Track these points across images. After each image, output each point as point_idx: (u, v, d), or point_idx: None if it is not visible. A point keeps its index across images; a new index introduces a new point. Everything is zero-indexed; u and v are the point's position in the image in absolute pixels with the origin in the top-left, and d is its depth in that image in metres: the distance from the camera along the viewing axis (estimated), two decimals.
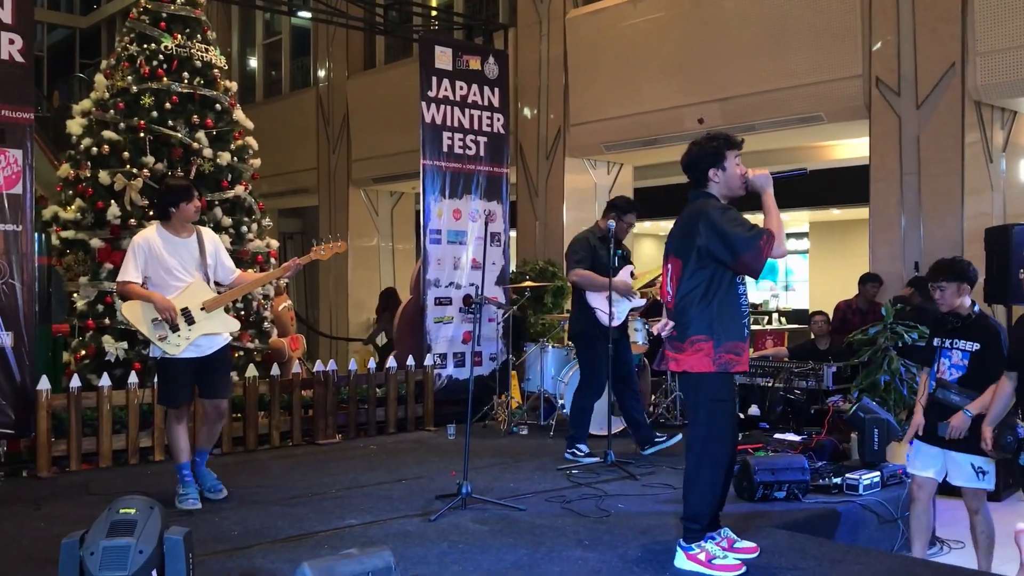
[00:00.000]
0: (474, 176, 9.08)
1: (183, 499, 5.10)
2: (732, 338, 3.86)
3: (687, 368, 3.92)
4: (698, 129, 9.87)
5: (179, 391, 5.19)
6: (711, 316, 3.85)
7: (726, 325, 3.85)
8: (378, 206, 14.68)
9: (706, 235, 3.82)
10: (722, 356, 3.84)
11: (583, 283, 6.44)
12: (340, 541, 4.38)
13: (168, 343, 5.02)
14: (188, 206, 5.14)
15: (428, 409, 8.17)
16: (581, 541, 4.43)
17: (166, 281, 5.07)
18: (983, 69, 7.89)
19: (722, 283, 3.86)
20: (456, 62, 9.01)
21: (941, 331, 4.65)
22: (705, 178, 3.98)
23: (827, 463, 5.93)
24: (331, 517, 4.91)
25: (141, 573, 3.17)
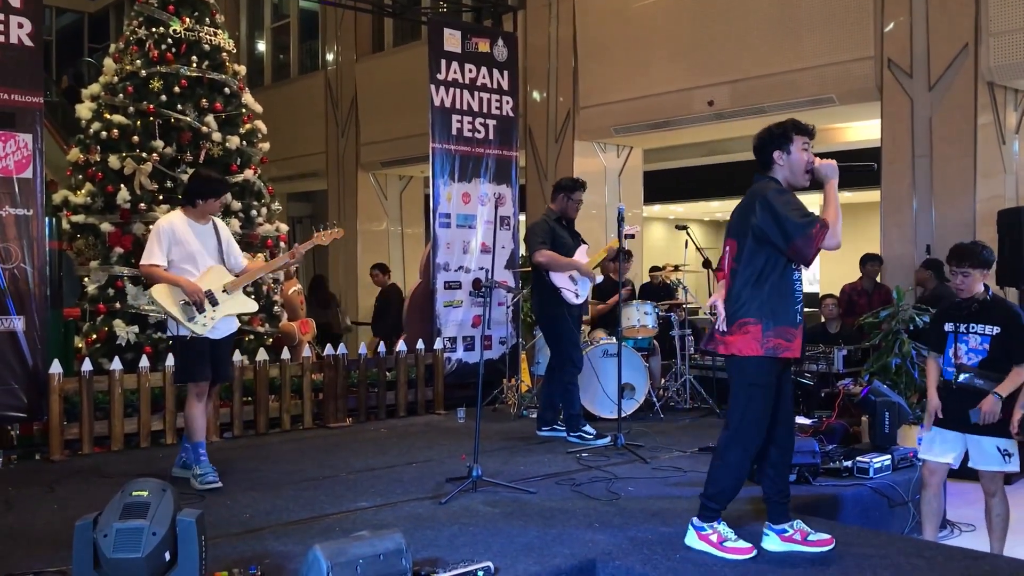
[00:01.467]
0: (483, 159, 9.06)
1: (202, 478, 5.16)
2: (782, 323, 3.79)
3: (735, 351, 3.86)
4: (707, 112, 9.84)
5: (203, 367, 5.35)
6: (762, 299, 3.79)
7: (777, 309, 3.79)
8: (387, 190, 14.67)
9: (761, 216, 3.77)
10: (770, 340, 3.77)
11: (549, 263, 6.50)
12: (351, 524, 4.40)
13: (196, 323, 5.22)
14: (215, 203, 5.44)
15: (438, 392, 8.19)
16: (591, 523, 4.44)
17: (190, 264, 5.28)
18: (996, 50, 7.82)
19: (776, 267, 3.80)
20: (465, 45, 8.97)
21: (955, 316, 4.61)
22: (771, 161, 3.92)
23: (837, 446, 5.91)
24: (342, 500, 4.94)
25: (154, 555, 3.19)
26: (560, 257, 6.49)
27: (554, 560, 3.88)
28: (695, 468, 5.69)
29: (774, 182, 3.90)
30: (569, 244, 6.61)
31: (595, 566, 3.91)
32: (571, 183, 6.71)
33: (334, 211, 14.68)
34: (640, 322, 7.67)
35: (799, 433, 6.25)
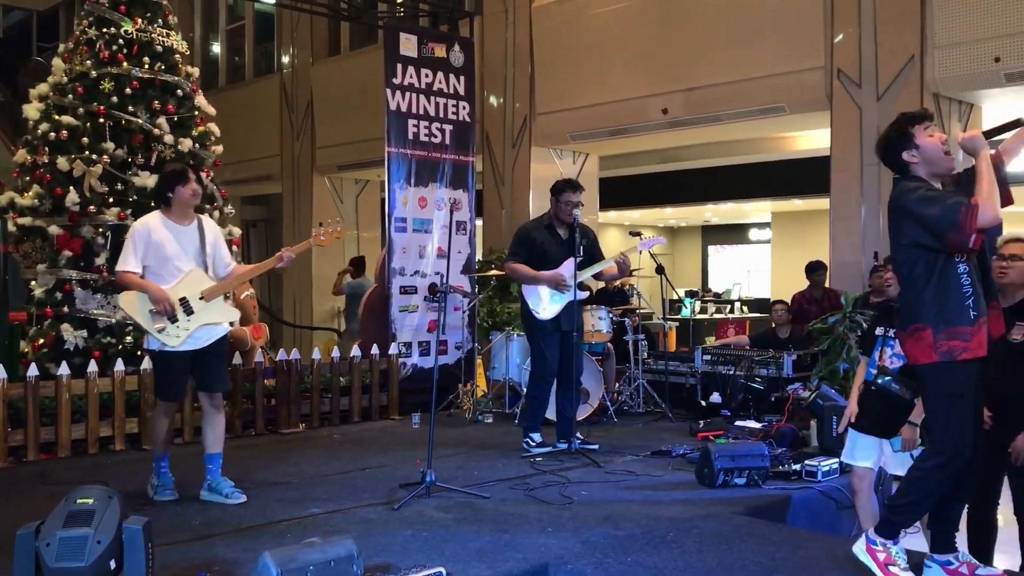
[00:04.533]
0: (440, 164, 9.06)
1: (160, 490, 5.06)
2: (954, 323, 3.51)
3: (913, 360, 3.63)
4: (662, 119, 9.95)
5: (176, 384, 5.09)
6: (928, 302, 3.55)
7: (945, 309, 3.53)
8: (343, 194, 14.59)
9: (907, 228, 3.56)
10: (943, 344, 3.51)
11: (513, 277, 6.45)
12: (303, 530, 4.37)
13: (167, 335, 4.87)
14: (184, 189, 4.96)
15: (393, 398, 8.16)
16: (544, 528, 4.45)
17: (165, 270, 4.92)
18: (941, 62, 8.01)
19: (935, 267, 3.54)
20: (421, 49, 8.97)
21: (886, 320, 4.65)
22: (904, 163, 3.68)
23: (787, 450, 6.01)
24: (294, 506, 4.90)
25: (99, 563, 3.14)
26: (524, 271, 6.33)
27: (506, 565, 3.89)
28: (648, 472, 5.75)
29: (914, 181, 3.64)
30: (552, 253, 6.34)
31: (547, 570, 3.92)
32: (560, 184, 6.44)
33: (289, 215, 14.57)
34: (594, 327, 7.71)
35: (748, 437, 6.37)
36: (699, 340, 12.18)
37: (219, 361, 5.17)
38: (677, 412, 7.91)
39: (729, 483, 5.24)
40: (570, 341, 6.30)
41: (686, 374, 8.31)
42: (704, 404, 7.88)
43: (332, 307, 14.05)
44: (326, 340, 12.54)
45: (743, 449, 5.44)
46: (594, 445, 6.44)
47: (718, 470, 5.23)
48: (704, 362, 8.09)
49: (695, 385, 8.16)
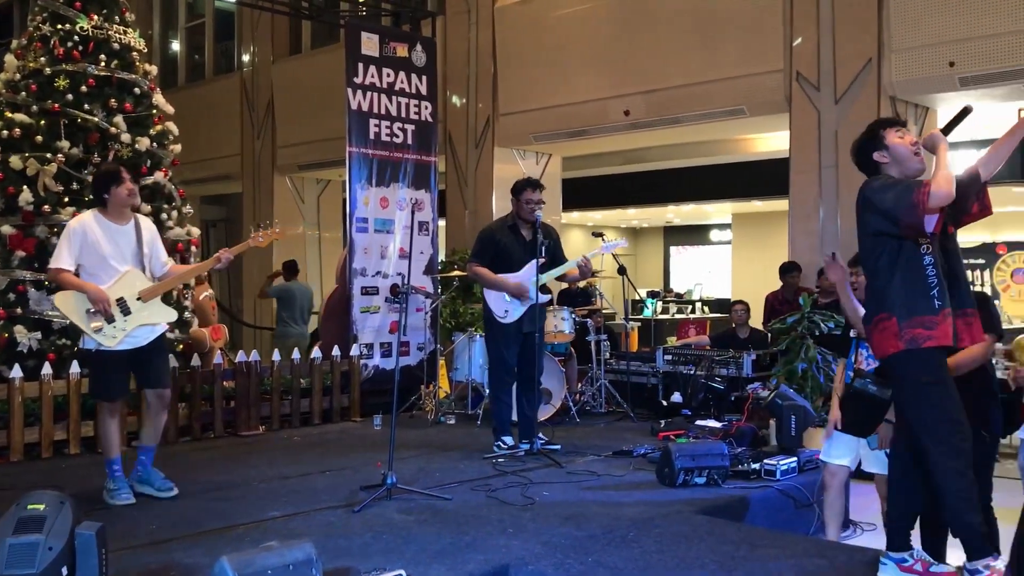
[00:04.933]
0: (402, 164, 9.02)
1: (115, 495, 4.98)
2: (919, 312, 3.52)
3: (881, 353, 3.64)
4: (624, 121, 9.99)
5: (115, 384, 5.04)
6: (893, 292, 3.56)
7: (909, 299, 3.54)
8: (304, 193, 14.48)
9: (869, 218, 3.61)
10: (907, 331, 3.51)
11: (476, 279, 6.44)
12: (262, 534, 4.32)
13: (104, 335, 4.85)
14: (119, 189, 4.97)
15: (354, 399, 8.11)
16: (505, 529, 4.45)
17: (102, 269, 4.91)
18: (898, 66, 8.13)
19: (898, 257, 3.56)
20: (383, 49, 8.93)
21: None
22: (875, 164, 3.72)
23: (746, 449, 6.06)
24: (253, 509, 4.85)
25: (50, 570, 3.08)
26: (487, 275, 6.31)
27: (467, 567, 3.88)
28: (609, 472, 5.78)
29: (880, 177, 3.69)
30: (516, 254, 6.32)
31: (508, 571, 3.92)
32: (520, 184, 6.41)
33: (249, 214, 14.42)
34: (557, 327, 7.73)
35: (708, 436, 6.42)
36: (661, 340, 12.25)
37: (161, 358, 5.22)
38: (639, 412, 7.94)
39: (689, 482, 5.28)
40: (532, 342, 6.31)
41: (648, 374, 8.36)
42: (665, 404, 7.92)
43: None
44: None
45: (703, 448, 5.48)
46: (556, 445, 6.45)
47: (678, 469, 5.27)
48: (665, 362, 8.14)
49: (656, 385, 8.21)
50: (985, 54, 7.54)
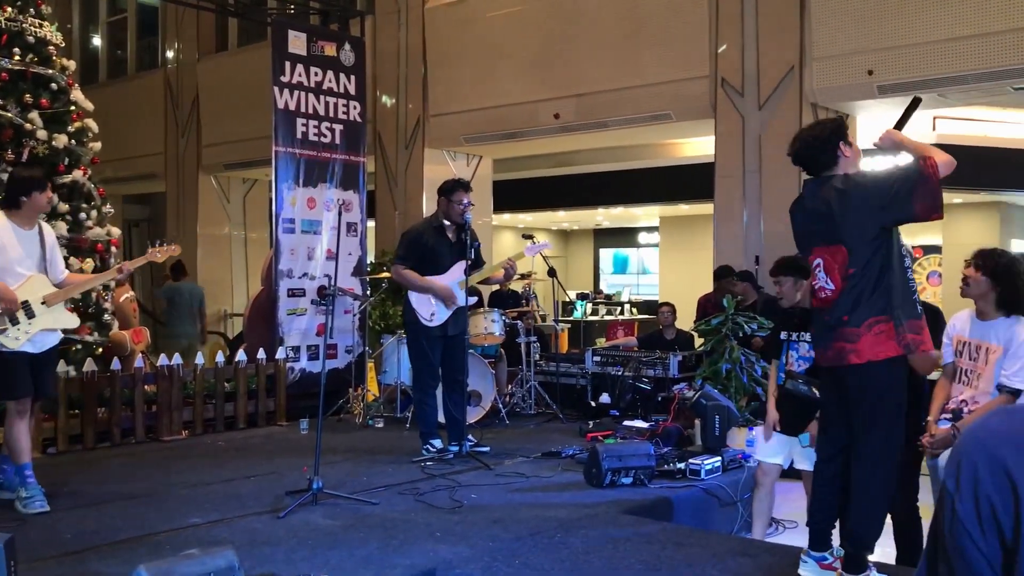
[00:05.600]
0: (330, 164, 8.92)
1: (28, 503, 4.82)
2: (912, 316, 3.50)
3: (872, 355, 3.50)
4: (554, 124, 10.04)
5: (19, 381, 4.95)
6: (890, 294, 3.50)
7: (904, 302, 3.51)
8: (230, 193, 14.21)
9: (870, 208, 3.48)
10: (905, 335, 3.47)
11: (401, 283, 6.38)
12: (183, 542, 4.23)
13: (7, 336, 4.81)
14: (41, 196, 5.00)
15: (280, 403, 7.99)
16: (433, 533, 4.43)
17: (8, 273, 4.86)
18: (819, 73, 8.33)
19: (891, 258, 3.52)
20: (311, 48, 8.82)
21: (788, 325, 4.82)
22: (835, 157, 3.62)
23: (672, 449, 6.16)
24: (174, 516, 4.74)
25: None
26: (413, 277, 6.23)
27: (394, 572, 3.86)
28: (537, 473, 5.80)
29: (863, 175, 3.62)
30: (443, 257, 6.25)
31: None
32: (450, 184, 6.34)
33: (173, 214, 14.10)
34: (487, 329, 7.72)
35: (636, 437, 6.49)
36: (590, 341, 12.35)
37: (50, 369, 5.33)
38: (568, 413, 7.99)
39: (616, 483, 5.33)
40: (458, 344, 6.29)
41: (577, 375, 8.42)
42: (594, 404, 7.99)
43: (219, 310, 13.67)
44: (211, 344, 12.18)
45: (630, 449, 5.54)
46: (485, 448, 6.45)
47: (606, 470, 5.32)
48: (594, 363, 8.21)
49: (586, 386, 8.28)
50: (902, 63, 7.78)
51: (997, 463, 0.77)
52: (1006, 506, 0.76)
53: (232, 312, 13.71)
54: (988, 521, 0.77)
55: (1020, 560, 0.74)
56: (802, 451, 4.73)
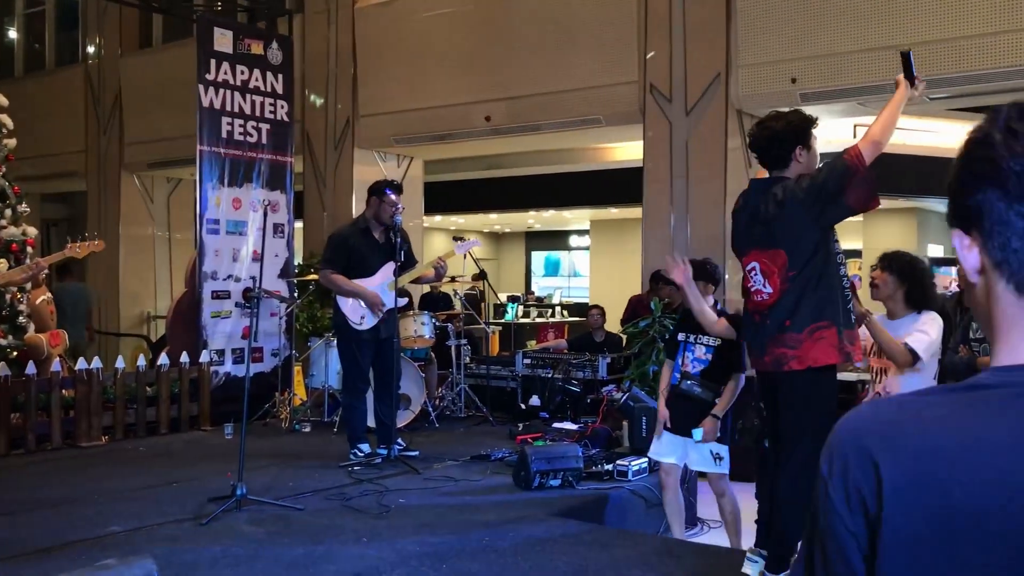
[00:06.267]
0: (256, 164, 8.77)
1: None
2: (849, 326, 3.53)
3: (810, 361, 3.49)
4: (485, 127, 10.04)
5: None
6: (830, 301, 3.50)
7: (843, 310, 3.52)
8: (153, 192, 13.86)
9: (807, 213, 3.47)
10: (847, 345, 3.50)
11: (328, 286, 6.28)
12: (100, 551, 4.10)
13: None
14: None
15: (204, 408, 7.82)
16: (360, 538, 4.39)
17: None
18: (744, 81, 8.49)
19: (827, 265, 3.53)
20: (237, 45, 8.66)
21: (688, 327, 4.87)
22: (788, 158, 3.61)
23: (600, 450, 6.20)
24: (91, 525, 4.60)
25: None
26: (341, 281, 6.11)
27: None
28: (467, 477, 5.78)
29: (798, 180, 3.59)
30: (370, 259, 6.16)
31: None
32: (381, 185, 6.23)
33: (94, 214, 13.70)
34: (417, 332, 7.68)
35: (565, 439, 6.52)
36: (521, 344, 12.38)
37: None
38: (498, 415, 7.99)
39: (545, 485, 5.35)
40: (389, 347, 6.22)
41: (507, 378, 8.43)
42: (524, 407, 8.01)
43: (141, 312, 13.34)
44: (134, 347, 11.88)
45: (559, 451, 5.56)
46: (414, 451, 6.41)
47: (534, 472, 5.33)
48: (524, 366, 8.23)
49: (516, 388, 8.29)
50: (824, 72, 7.97)
51: (864, 452, 0.86)
52: (870, 487, 0.85)
53: (155, 314, 13.39)
54: (855, 502, 0.86)
55: (882, 526, 0.83)
56: (696, 455, 4.75)
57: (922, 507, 0.83)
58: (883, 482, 0.84)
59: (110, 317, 13.35)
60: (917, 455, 0.84)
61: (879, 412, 0.91)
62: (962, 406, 0.86)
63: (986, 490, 0.81)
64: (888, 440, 0.86)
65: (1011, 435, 0.82)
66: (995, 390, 0.86)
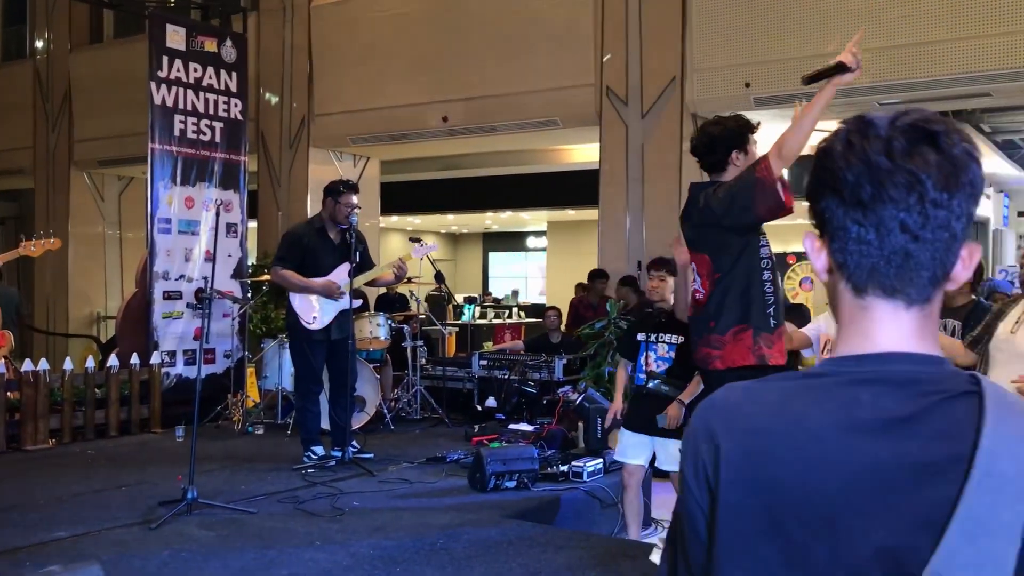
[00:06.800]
0: (209, 163, 8.66)
1: None
2: (765, 328, 3.58)
3: (731, 362, 3.59)
4: (442, 127, 10.02)
5: None
6: (749, 303, 3.56)
7: (760, 312, 3.58)
8: (104, 191, 13.61)
9: (720, 218, 3.54)
10: (761, 347, 3.56)
11: (281, 284, 6.22)
12: (45, 558, 4.02)
13: None
14: None
15: (155, 410, 7.70)
16: (313, 541, 4.35)
17: None
18: (699, 84, 8.57)
19: (750, 269, 3.58)
20: (190, 43, 8.55)
21: (646, 327, 4.89)
22: (725, 162, 3.65)
23: (556, 451, 6.21)
24: (36, 530, 4.50)
25: None
26: (293, 278, 6.04)
27: None
28: (421, 479, 5.76)
29: (717, 187, 3.63)
30: (325, 259, 6.09)
31: None
32: (337, 185, 6.16)
33: (42, 212, 13.42)
34: (372, 333, 7.64)
35: (521, 440, 6.53)
36: (478, 345, 12.37)
37: None
38: (454, 417, 7.98)
39: (500, 487, 5.34)
40: (343, 349, 6.16)
41: (464, 379, 8.41)
42: (480, 408, 8.00)
43: (91, 312, 13.09)
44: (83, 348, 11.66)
45: (514, 452, 5.56)
46: (369, 454, 6.36)
47: (490, 474, 5.32)
48: (481, 367, 8.22)
49: (472, 390, 8.27)
50: (777, 76, 8.07)
51: (709, 431, 0.98)
52: (712, 462, 0.96)
53: (105, 315, 13.15)
54: (701, 478, 0.97)
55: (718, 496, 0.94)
56: (665, 453, 4.75)
57: (750, 480, 0.93)
58: (720, 457, 0.95)
59: (59, 317, 13.09)
60: (751, 433, 0.95)
61: (728, 396, 1.01)
62: (795, 392, 0.96)
63: (805, 468, 0.91)
64: (729, 420, 0.97)
65: (831, 419, 0.92)
66: (824, 378, 0.96)
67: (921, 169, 0.91)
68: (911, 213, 0.92)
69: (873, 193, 0.93)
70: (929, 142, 0.92)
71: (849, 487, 0.89)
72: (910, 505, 0.86)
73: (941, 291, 0.97)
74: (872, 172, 0.93)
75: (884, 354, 0.95)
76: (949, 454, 0.87)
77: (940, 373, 0.94)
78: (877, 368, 0.94)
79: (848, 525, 0.88)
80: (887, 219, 0.93)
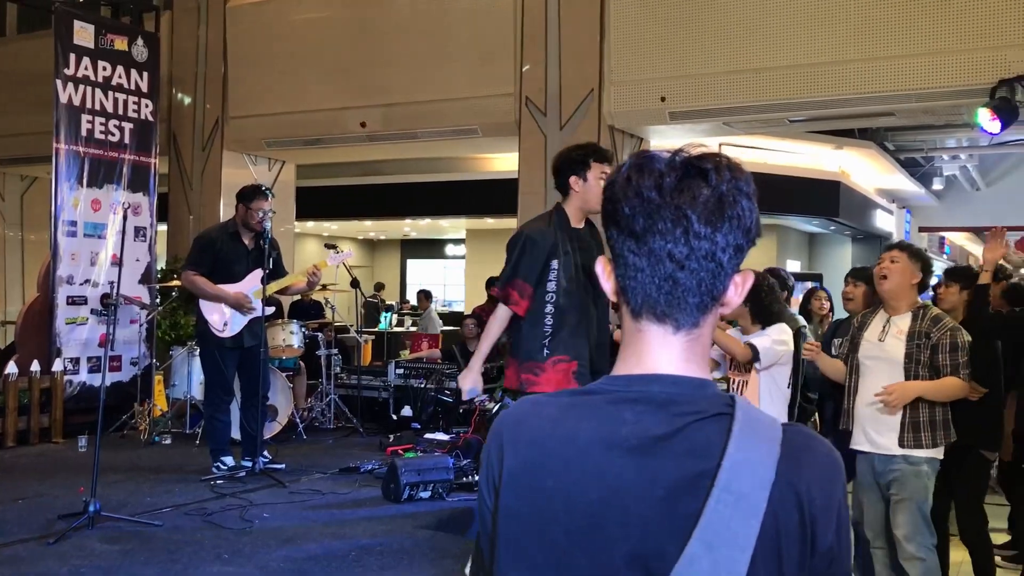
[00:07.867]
0: (117, 164, 8.40)
1: None
2: (528, 358, 3.71)
3: (508, 384, 3.80)
4: (360, 133, 9.93)
5: None
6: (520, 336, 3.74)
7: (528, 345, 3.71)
8: (6, 191, 13.09)
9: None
10: (521, 375, 3.71)
11: (192, 290, 6.09)
12: None
13: None
14: None
15: (56, 419, 7.42)
16: (220, 555, 4.25)
17: None
18: (616, 97, 8.68)
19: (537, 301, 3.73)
20: (99, 40, 8.29)
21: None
22: (566, 187, 3.77)
23: (472, 461, 6.19)
24: None
25: None
26: (204, 284, 5.91)
27: None
28: (334, 490, 5.68)
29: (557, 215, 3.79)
30: (237, 265, 5.98)
31: None
32: (251, 190, 6.07)
33: None
34: (285, 341, 7.51)
35: (437, 450, 6.50)
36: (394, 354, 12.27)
37: None
38: (369, 426, 7.90)
39: (415, 497, 5.31)
40: (255, 356, 6.03)
41: (379, 388, 8.34)
42: (396, 418, 7.94)
43: None
44: None
45: (429, 463, 5.54)
46: (281, 464, 6.26)
47: (404, 485, 5.29)
48: (397, 376, 8.16)
49: (388, 399, 8.20)
50: (692, 91, 8.23)
51: (498, 441, 1.05)
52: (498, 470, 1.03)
53: (4, 320, 12.62)
54: (490, 485, 1.05)
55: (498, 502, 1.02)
56: None
57: (525, 487, 1.00)
58: (503, 465, 1.02)
59: None
60: (529, 445, 1.02)
61: (519, 409, 1.08)
62: (570, 407, 1.03)
63: (571, 480, 0.97)
64: (513, 432, 1.04)
65: (597, 435, 0.98)
66: (595, 396, 1.02)
67: (688, 205, 0.98)
68: (677, 244, 0.99)
69: (645, 226, 0.99)
70: (700, 178, 0.99)
71: (608, 500, 0.95)
72: (662, 518, 0.93)
73: (711, 316, 1.03)
74: (644, 206, 0.99)
75: (650, 375, 1.01)
76: (697, 471, 0.94)
77: (698, 395, 1.00)
78: (642, 389, 1.00)
79: (606, 535, 0.95)
80: (657, 250, 0.99)
